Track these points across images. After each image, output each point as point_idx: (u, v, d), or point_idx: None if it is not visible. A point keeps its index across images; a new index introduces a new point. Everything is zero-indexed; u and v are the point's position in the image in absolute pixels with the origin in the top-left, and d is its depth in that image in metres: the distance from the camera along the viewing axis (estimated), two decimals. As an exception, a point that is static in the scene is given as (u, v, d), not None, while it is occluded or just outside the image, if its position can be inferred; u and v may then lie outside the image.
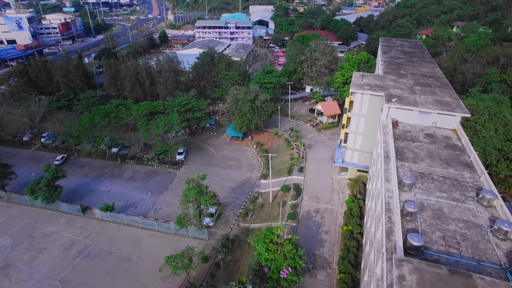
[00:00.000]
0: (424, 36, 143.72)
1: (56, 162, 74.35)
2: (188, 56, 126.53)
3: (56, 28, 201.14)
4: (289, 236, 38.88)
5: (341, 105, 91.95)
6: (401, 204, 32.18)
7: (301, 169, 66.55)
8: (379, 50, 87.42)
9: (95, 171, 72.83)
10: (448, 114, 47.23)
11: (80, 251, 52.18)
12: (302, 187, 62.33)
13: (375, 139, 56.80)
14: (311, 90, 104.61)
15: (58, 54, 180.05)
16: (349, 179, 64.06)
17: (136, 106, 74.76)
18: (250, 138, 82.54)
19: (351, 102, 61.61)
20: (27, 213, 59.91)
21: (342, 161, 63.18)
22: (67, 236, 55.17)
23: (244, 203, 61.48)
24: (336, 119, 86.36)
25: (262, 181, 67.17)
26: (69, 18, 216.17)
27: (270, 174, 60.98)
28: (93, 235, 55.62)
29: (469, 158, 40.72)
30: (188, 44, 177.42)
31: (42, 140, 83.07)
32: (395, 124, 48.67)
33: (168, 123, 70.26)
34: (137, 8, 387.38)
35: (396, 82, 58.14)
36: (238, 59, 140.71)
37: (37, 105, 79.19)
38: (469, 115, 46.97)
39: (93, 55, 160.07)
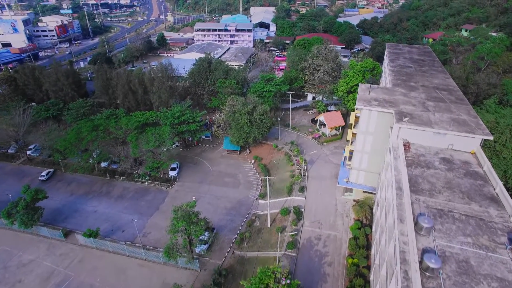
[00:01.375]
0: (431, 40, 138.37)
1: (41, 178, 69.73)
2: (185, 61, 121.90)
3: (52, 30, 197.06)
4: (288, 281, 33.90)
5: (345, 115, 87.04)
6: (419, 253, 27.32)
7: (302, 189, 61.55)
8: (385, 57, 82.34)
9: (82, 188, 68.11)
10: (466, 136, 42.19)
11: (59, 284, 47.42)
12: (303, 209, 57.30)
13: (383, 159, 51.88)
14: (313, 98, 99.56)
15: (54, 57, 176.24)
16: (354, 200, 59.02)
17: (125, 119, 69.97)
18: (248, 151, 77.63)
19: (357, 117, 56.76)
20: (3, 238, 55.24)
21: (347, 181, 58.11)
22: (45, 265, 50.40)
23: (240, 227, 56.53)
24: (340, 130, 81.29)
25: (260, 201, 62.19)
26: (66, 20, 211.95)
27: (268, 197, 55.96)
28: (74, 264, 50.85)
29: (494, 189, 35.63)
30: (187, 47, 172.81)
31: (29, 152, 78.56)
32: (406, 146, 43.62)
33: (160, 138, 65.46)
34: (137, 9, 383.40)
35: (406, 96, 53.05)
36: (238, 64, 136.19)
37: (21, 116, 74.50)
38: (491, 138, 41.81)
39: (89, 59, 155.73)
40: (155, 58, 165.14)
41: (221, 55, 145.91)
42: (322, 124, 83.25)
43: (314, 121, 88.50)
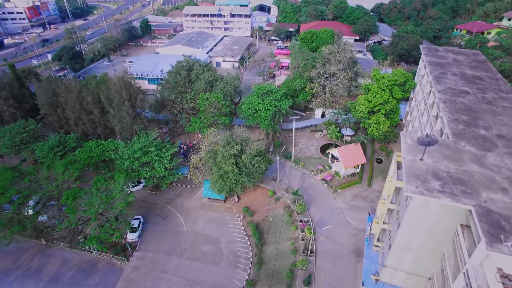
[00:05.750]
0: (464, 32, 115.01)
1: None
2: (168, 58, 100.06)
3: (22, 13, 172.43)
4: None
5: (364, 144, 66.77)
6: None
7: (308, 280, 42.56)
8: (424, 69, 61.32)
9: (4, 261, 49.01)
10: None
11: None
12: (311, 322, 38.69)
13: (438, 260, 32.79)
14: (323, 115, 78.73)
15: (24, 45, 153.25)
16: (386, 303, 40.18)
17: (61, 164, 49.96)
18: (236, 199, 58.08)
19: (396, 189, 37.05)
20: None
21: (376, 280, 38.97)
22: None
23: None
24: (359, 169, 61.31)
25: (249, 293, 43.53)
26: (38, 1, 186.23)
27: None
28: None
29: None
30: (174, 35, 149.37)
31: None
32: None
33: (106, 198, 45.82)
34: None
35: (482, 163, 32.77)
36: (231, 61, 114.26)
37: None
38: None
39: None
40: (137, 49, 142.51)
41: (212, 48, 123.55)
42: (335, 158, 63.26)
43: (324, 149, 68.30)
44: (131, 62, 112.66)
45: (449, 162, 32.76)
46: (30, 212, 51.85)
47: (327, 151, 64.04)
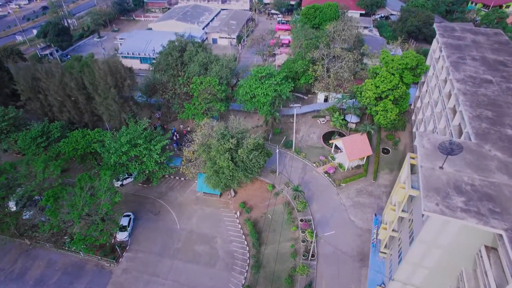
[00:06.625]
0: (480, 5, 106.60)
1: None
2: (161, 35, 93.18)
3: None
4: None
5: (370, 134, 62.28)
6: None
7: (310, 288, 39.88)
8: (440, 52, 55.78)
9: (-13, 263, 46.65)
10: None
11: None
12: (311, 335, 36.22)
13: (453, 278, 29.54)
14: (326, 99, 73.53)
15: (6, 19, 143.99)
16: (392, 314, 37.56)
17: (41, 160, 45.77)
18: (232, 194, 54.47)
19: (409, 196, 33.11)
20: None
21: (384, 292, 36.13)
22: None
23: None
24: (364, 161, 57.27)
25: (246, 299, 40.97)
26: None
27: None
28: None
29: None
30: (169, 9, 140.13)
31: None
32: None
33: (90, 200, 42.06)
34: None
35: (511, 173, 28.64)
36: (228, 37, 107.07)
37: None
38: None
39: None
40: (129, 23, 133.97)
41: (208, 23, 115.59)
42: (338, 148, 58.99)
43: (326, 137, 63.92)
44: (122, 39, 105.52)
45: (473, 172, 28.57)
46: (14, 208, 48.57)
47: (330, 141, 59.59)
